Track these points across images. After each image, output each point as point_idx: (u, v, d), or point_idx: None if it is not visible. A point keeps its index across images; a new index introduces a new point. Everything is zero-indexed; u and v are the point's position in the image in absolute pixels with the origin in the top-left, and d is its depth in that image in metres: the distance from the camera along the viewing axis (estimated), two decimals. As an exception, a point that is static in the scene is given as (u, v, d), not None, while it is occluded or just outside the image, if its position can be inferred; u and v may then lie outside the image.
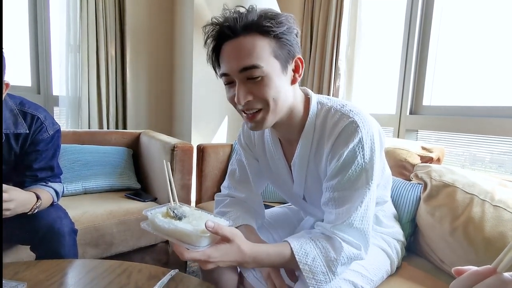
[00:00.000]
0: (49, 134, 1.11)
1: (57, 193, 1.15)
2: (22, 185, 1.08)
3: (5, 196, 0.89)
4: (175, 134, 2.73)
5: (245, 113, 0.76)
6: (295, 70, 0.77)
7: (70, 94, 2.34)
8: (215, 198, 1.04)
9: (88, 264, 0.94)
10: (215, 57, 0.77)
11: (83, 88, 2.32)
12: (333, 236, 0.73)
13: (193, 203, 1.81)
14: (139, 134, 2.08)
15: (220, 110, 2.55)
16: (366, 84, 1.97)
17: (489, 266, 0.35)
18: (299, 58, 0.76)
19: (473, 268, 0.36)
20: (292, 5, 2.39)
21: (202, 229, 0.63)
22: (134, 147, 2.05)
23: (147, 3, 2.54)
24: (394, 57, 1.88)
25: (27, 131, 1.06)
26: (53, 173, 1.16)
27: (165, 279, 0.83)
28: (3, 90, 0.95)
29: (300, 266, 0.70)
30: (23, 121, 1.06)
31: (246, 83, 0.72)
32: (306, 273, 0.70)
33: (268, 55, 0.70)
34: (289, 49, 0.73)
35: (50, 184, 1.14)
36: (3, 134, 1.01)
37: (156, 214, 0.69)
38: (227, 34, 0.71)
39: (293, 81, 0.77)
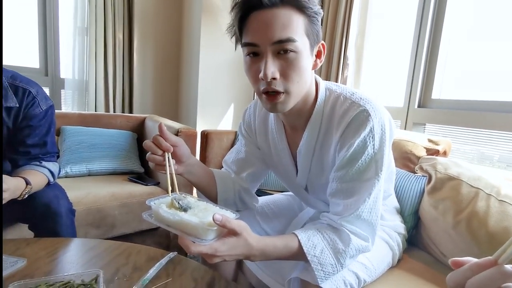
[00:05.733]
0: (42, 109, 1.09)
1: (52, 173, 1.12)
2: (15, 162, 1.07)
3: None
4: (180, 119, 2.73)
5: (265, 94, 0.71)
6: (317, 55, 0.75)
7: (77, 77, 2.34)
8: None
9: (88, 243, 0.95)
10: (240, 25, 0.71)
11: (90, 71, 2.32)
12: (340, 228, 0.72)
13: (195, 190, 1.81)
14: (144, 118, 2.08)
15: (227, 97, 2.54)
16: (375, 75, 1.93)
17: (489, 257, 0.33)
18: (322, 44, 0.74)
19: (473, 259, 0.35)
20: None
21: (208, 221, 0.59)
22: (139, 131, 2.05)
23: (155, -13, 2.51)
24: (404, 48, 1.83)
25: (17, 105, 1.04)
26: (46, 151, 1.13)
27: (163, 260, 0.84)
28: None
29: (309, 258, 0.69)
30: (13, 95, 1.03)
31: (276, 58, 0.68)
32: (315, 265, 0.69)
33: (302, 32, 0.68)
34: (317, 30, 0.71)
35: (44, 163, 1.11)
36: None
37: (160, 204, 0.64)
38: (263, 2, 0.66)
39: (314, 66, 0.75)
